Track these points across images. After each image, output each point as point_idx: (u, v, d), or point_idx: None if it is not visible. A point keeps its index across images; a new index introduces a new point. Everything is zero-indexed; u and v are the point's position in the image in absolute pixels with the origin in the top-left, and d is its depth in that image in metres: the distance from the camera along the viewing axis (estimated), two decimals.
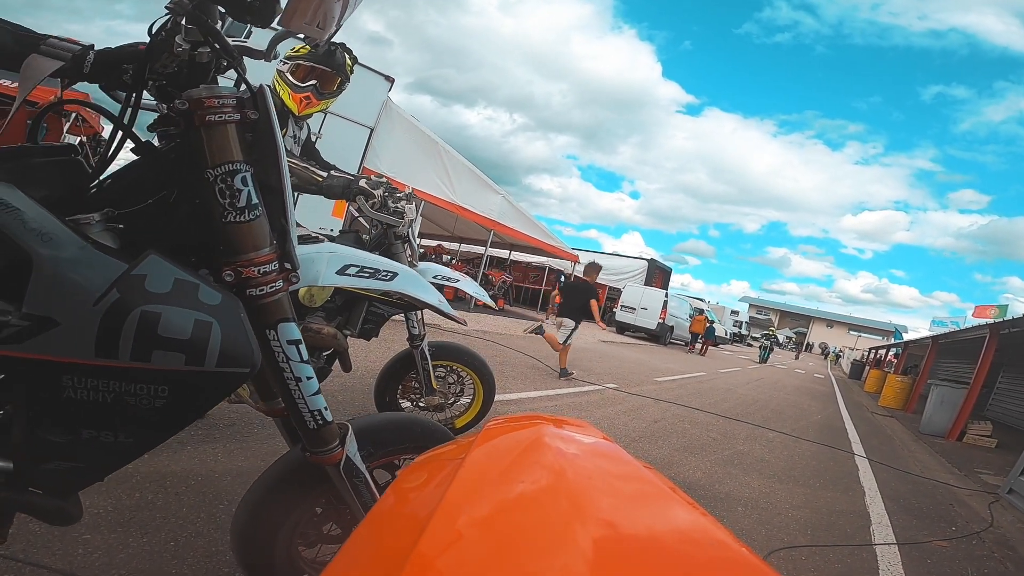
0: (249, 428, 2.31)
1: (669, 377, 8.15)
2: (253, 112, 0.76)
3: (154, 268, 0.68)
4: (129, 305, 0.65)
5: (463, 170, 9.94)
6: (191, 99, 0.72)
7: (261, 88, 0.77)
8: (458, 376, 2.68)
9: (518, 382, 4.84)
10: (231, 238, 0.76)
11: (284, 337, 0.83)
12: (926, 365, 11.75)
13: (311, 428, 0.91)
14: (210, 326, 0.69)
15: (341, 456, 0.95)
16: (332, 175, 1.87)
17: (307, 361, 0.86)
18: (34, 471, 0.70)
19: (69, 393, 0.66)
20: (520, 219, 12.03)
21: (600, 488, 0.47)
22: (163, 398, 0.69)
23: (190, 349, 0.67)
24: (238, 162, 0.74)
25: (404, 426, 1.18)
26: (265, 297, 0.79)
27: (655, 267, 22.22)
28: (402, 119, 8.76)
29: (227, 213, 0.74)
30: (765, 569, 0.37)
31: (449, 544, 0.37)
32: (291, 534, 1.08)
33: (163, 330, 0.66)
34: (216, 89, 0.74)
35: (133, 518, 1.49)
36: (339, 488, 0.98)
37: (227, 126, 0.74)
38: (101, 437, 0.70)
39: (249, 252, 0.77)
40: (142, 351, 0.65)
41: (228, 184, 0.73)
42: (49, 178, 0.73)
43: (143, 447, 0.73)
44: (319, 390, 0.90)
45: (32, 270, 0.62)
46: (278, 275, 0.80)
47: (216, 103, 0.72)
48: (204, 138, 0.73)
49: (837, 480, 4.01)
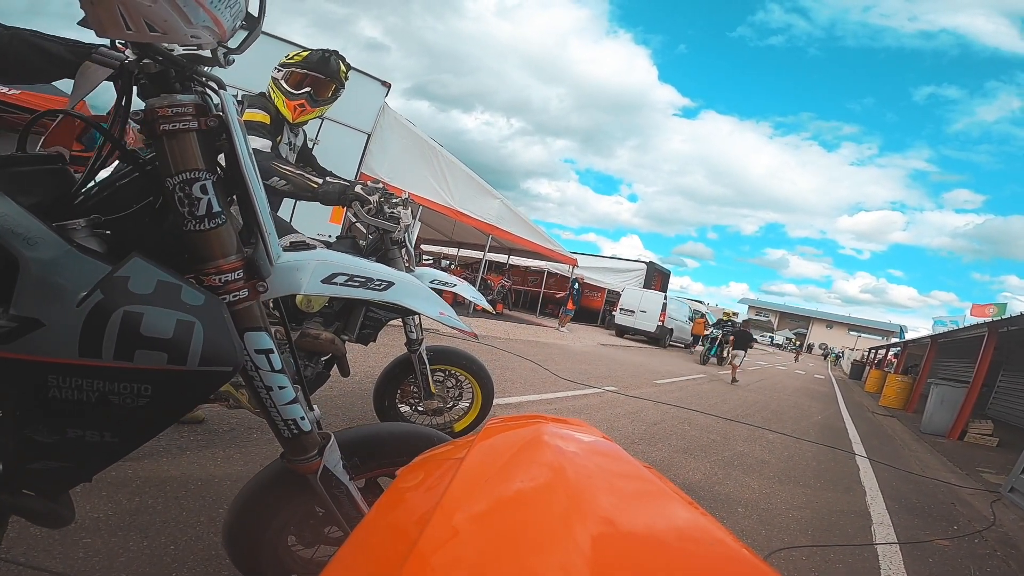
0: (248, 433, 2.31)
1: (668, 379, 8.14)
2: (212, 120, 0.76)
3: (137, 270, 0.69)
4: (112, 305, 0.66)
5: (461, 175, 9.96)
6: (147, 109, 0.73)
7: (220, 94, 0.77)
8: (456, 380, 2.67)
9: (517, 386, 4.83)
10: (192, 246, 0.77)
11: (252, 346, 0.83)
12: (926, 365, 11.75)
13: (286, 437, 0.92)
14: (192, 326, 0.70)
15: (319, 466, 0.95)
16: (327, 181, 1.87)
17: (280, 371, 0.87)
18: (22, 471, 0.70)
19: (54, 392, 0.66)
20: (518, 223, 12.04)
21: (600, 487, 0.47)
22: (146, 397, 0.69)
23: (172, 348, 0.68)
24: (197, 170, 0.74)
25: (401, 438, 1.17)
26: (232, 305, 0.79)
27: (654, 270, 22.23)
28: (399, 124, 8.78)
29: (187, 221, 0.75)
30: (764, 568, 0.37)
31: (450, 541, 0.37)
32: (278, 536, 1.09)
33: (145, 329, 0.67)
34: (172, 98, 0.73)
35: (133, 522, 1.50)
36: (318, 495, 0.98)
37: (185, 134, 0.74)
38: (87, 436, 0.71)
39: (212, 260, 0.77)
40: (125, 350, 0.66)
41: (186, 192, 0.74)
42: (37, 185, 0.75)
43: (128, 446, 0.74)
44: (295, 399, 0.90)
45: (19, 273, 0.63)
46: (244, 283, 0.80)
47: (170, 112, 0.72)
48: (164, 147, 0.73)
49: (838, 480, 4.00)
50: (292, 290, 0.91)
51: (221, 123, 0.76)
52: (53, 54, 0.86)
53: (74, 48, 0.87)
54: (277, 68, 2.20)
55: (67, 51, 0.86)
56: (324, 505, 0.99)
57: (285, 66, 2.18)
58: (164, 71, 0.74)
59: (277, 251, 0.86)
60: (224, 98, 0.77)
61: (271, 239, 0.84)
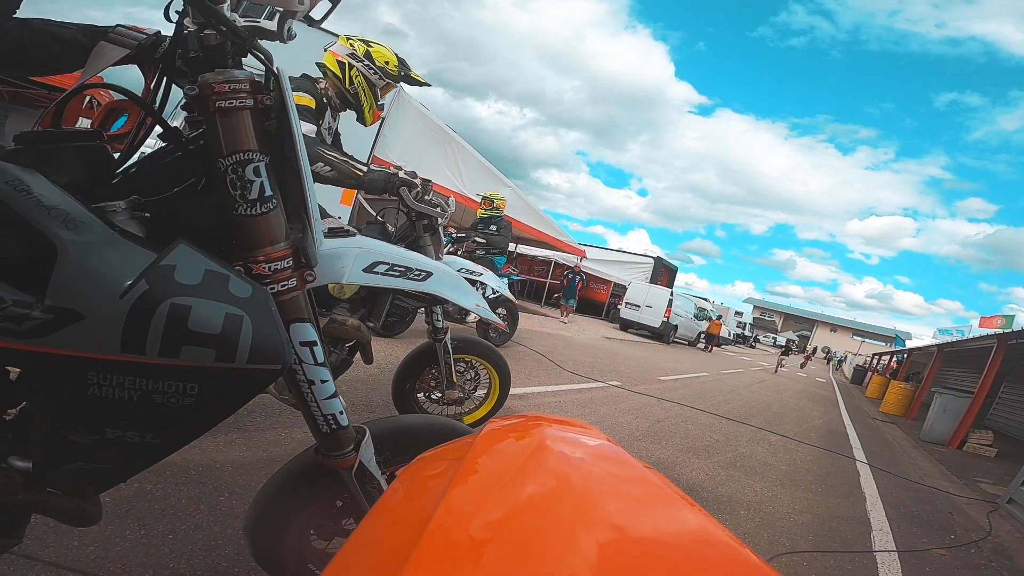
0: (251, 417, 2.29)
1: (673, 376, 8.16)
2: (268, 98, 0.71)
3: (184, 258, 0.64)
4: (158, 297, 0.61)
5: (473, 161, 9.90)
6: (202, 84, 0.69)
7: (278, 71, 0.73)
8: (475, 371, 2.68)
9: (522, 376, 4.86)
10: (242, 231, 0.73)
11: (297, 338, 0.79)
12: (930, 373, 11.72)
13: (324, 432, 0.89)
14: (241, 320, 0.65)
15: (354, 462, 0.92)
16: (372, 169, 1.86)
17: (322, 364, 0.84)
18: (55, 472, 0.67)
19: (94, 391, 0.62)
20: (528, 212, 12.00)
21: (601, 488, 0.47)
22: (192, 396, 0.65)
23: (221, 344, 0.64)
24: (251, 151, 0.70)
25: (427, 429, 1.15)
26: (279, 295, 0.75)
27: (661, 265, 22.15)
28: (413, 108, 8.71)
29: (238, 205, 0.71)
30: (769, 571, 0.37)
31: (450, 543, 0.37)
32: (302, 531, 1.06)
33: (193, 324, 0.62)
34: (228, 73, 0.69)
35: (131, 509, 1.45)
36: (351, 492, 0.96)
37: (240, 112, 0.69)
38: (127, 437, 0.66)
39: (261, 247, 0.73)
40: (171, 346, 0.62)
41: (239, 174, 0.70)
42: (73, 164, 0.70)
43: (169, 448, 0.70)
44: (335, 393, 0.87)
45: (56, 259, 0.58)
46: (292, 272, 0.77)
47: (227, 88, 0.68)
48: (217, 125, 0.69)
49: (838, 485, 4.02)
50: (335, 279, 0.87)
51: (277, 102, 0.72)
52: (68, 41, 0.81)
53: (89, 32, 0.82)
54: (374, 71, 2.14)
55: (82, 36, 0.82)
56: (355, 501, 0.97)
57: (386, 75, 2.15)
58: (221, 44, 0.69)
59: (320, 238, 0.82)
60: (281, 75, 0.72)
61: (317, 225, 0.80)
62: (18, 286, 0.59)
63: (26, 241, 0.59)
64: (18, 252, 0.61)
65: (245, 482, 1.76)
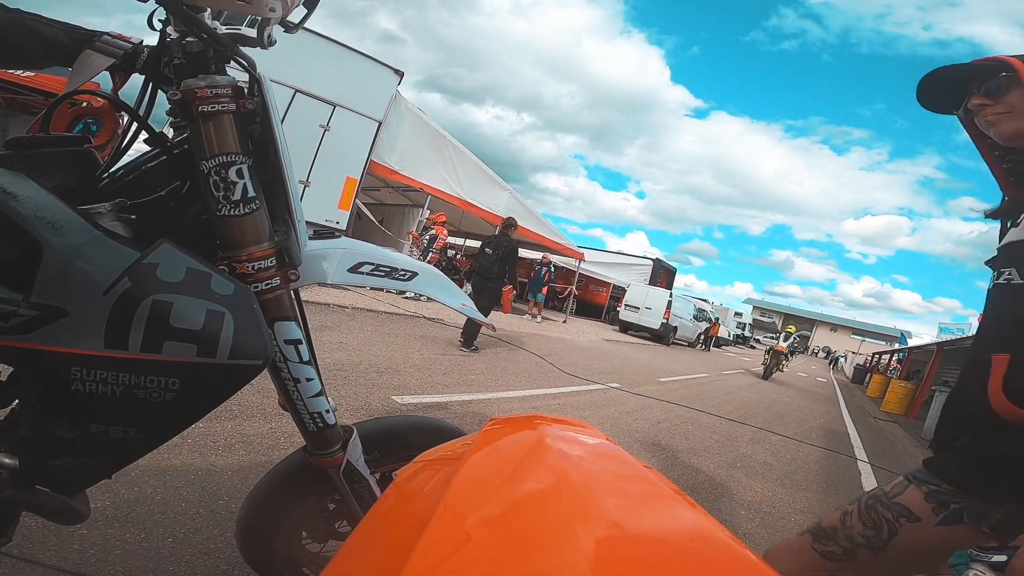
0: (251, 422, 2.30)
1: (672, 378, 8.14)
2: (251, 102, 0.74)
3: (166, 256, 0.66)
4: (141, 294, 0.63)
5: (470, 165, 9.92)
6: (185, 90, 0.71)
7: (259, 76, 0.75)
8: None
9: (522, 380, 4.85)
10: (226, 232, 0.75)
11: (282, 336, 0.82)
12: (930, 371, 11.71)
13: (311, 430, 0.90)
14: (223, 316, 0.67)
15: (342, 460, 0.94)
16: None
17: (307, 362, 0.85)
18: (41, 468, 0.68)
19: (78, 386, 0.64)
20: (527, 215, 12.01)
21: (600, 485, 0.47)
22: (174, 391, 0.67)
23: (202, 340, 0.66)
24: (233, 153, 0.72)
25: (416, 429, 1.16)
26: (263, 294, 0.77)
27: (660, 267, 22.15)
28: (411, 113, 8.74)
29: (222, 206, 0.73)
30: (768, 571, 0.37)
31: (450, 544, 0.37)
32: (294, 531, 1.07)
33: (175, 320, 0.64)
34: (210, 79, 0.71)
35: (131, 513, 1.46)
36: (341, 492, 0.97)
37: (222, 116, 0.72)
38: (110, 432, 0.68)
39: (245, 246, 0.75)
40: (153, 342, 0.63)
41: (222, 176, 0.72)
42: (61, 167, 0.72)
43: (153, 442, 0.72)
44: (321, 391, 0.89)
45: (42, 258, 0.60)
46: (276, 271, 0.79)
47: (208, 93, 0.70)
48: (200, 129, 0.72)
49: (840, 485, 4.00)
50: (319, 279, 0.89)
51: (259, 106, 0.74)
52: (50, 40, 0.81)
53: (74, 34, 0.82)
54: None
55: (66, 37, 0.82)
56: (344, 500, 0.99)
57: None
58: (203, 51, 0.71)
59: (304, 239, 0.84)
60: (263, 80, 0.75)
61: (300, 226, 0.81)
62: (6, 285, 0.60)
63: (14, 241, 0.61)
64: (5, 252, 0.63)
65: (244, 486, 1.76)
